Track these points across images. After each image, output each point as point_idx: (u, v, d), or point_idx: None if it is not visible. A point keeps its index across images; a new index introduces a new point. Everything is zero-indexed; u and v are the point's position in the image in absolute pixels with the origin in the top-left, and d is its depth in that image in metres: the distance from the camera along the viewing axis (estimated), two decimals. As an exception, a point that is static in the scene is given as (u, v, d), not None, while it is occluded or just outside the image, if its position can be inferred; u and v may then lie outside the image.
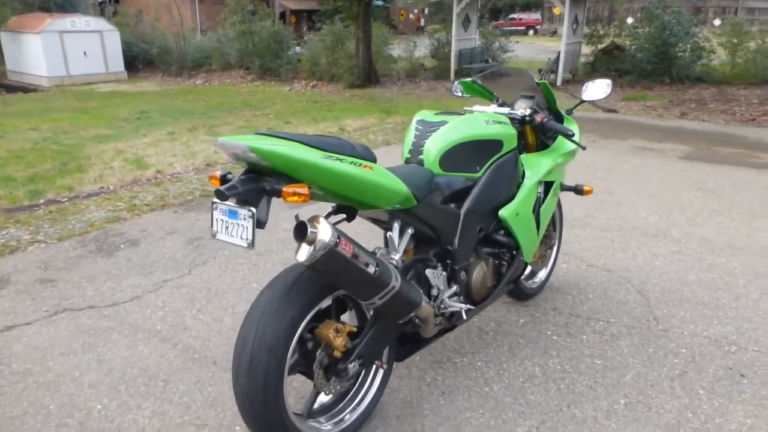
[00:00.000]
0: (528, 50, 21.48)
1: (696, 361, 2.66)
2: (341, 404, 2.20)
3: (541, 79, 2.97)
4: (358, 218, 2.15)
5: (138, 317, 3.12)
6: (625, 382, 2.52)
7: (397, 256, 2.06)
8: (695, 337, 2.86)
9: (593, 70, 13.68)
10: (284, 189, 1.67)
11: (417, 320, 2.13)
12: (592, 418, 2.29)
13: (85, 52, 17.48)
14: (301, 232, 1.69)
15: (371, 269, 1.82)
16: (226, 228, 1.78)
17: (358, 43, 14.27)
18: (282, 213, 4.39)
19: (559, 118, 2.92)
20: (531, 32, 36.26)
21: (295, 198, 1.68)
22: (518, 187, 2.64)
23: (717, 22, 17.13)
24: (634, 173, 5.93)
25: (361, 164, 1.84)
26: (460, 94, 3.12)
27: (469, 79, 2.99)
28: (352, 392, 2.23)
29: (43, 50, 16.75)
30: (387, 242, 2.15)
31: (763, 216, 4.57)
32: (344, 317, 2.19)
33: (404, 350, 2.36)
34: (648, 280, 3.48)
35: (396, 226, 2.11)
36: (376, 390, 2.25)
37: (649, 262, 3.73)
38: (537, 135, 2.86)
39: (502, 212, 2.51)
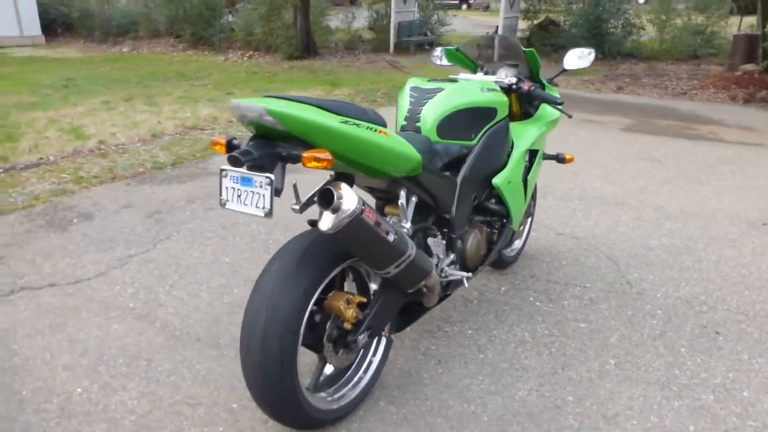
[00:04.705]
0: (463, 24, 21.57)
1: (673, 321, 2.78)
2: (345, 376, 2.16)
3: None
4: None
5: (107, 294, 2.94)
6: (611, 343, 2.60)
7: (408, 225, 2.01)
8: (668, 299, 2.98)
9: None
10: (304, 155, 1.59)
11: (425, 289, 2.11)
12: (587, 378, 2.36)
13: (-5, 14, 16.15)
14: (326, 199, 1.61)
15: (391, 237, 1.77)
16: (239, 196, 1.68)
17: (296, 12, 13.84)
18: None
19: (542, 87, 2.93)
20: (464, 6, 36.40)
21: (316, 164, 1.61)
22: (508, 155, 2.64)
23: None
24: (581, 144, 6.10)
25: (376, 129, 1.78)
26: (440, 62, 3.09)
27: (452, 47, 2.95)
28: (355, 364, 2.19)
29: (-55, 11, 15.37)
30: (401, 211, 2.09)
31: (707, 184, 4.81)
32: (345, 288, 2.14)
33: (402, 320, 2.34)
34: (614, 246, 3.60)
35: (403, 194, 2.06)
36: (379, 361, 2.22)
37: (612, 229, 3.86)
38: (521, 104, 2.87)
39: (496, 180, 2.51)
